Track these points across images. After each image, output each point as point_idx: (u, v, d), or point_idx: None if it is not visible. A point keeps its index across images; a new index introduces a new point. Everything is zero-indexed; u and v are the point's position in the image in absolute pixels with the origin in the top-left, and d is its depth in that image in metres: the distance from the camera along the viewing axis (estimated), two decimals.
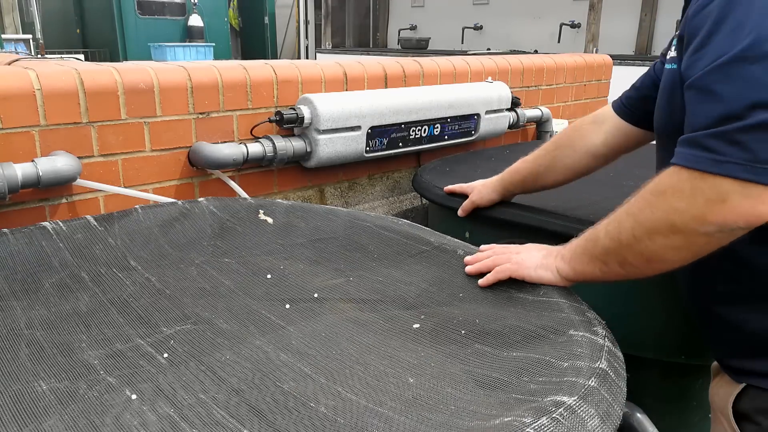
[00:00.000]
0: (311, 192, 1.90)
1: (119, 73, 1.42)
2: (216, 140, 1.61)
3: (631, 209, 0.85)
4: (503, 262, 1.03)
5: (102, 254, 1.14)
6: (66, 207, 1.41)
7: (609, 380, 0.74)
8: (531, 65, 2.54)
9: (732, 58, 0.71)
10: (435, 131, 2.04)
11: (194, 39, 8.53)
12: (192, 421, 0.69)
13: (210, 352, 0.85)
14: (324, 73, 1.82)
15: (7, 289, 1.00)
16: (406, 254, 1.17)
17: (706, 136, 0.75)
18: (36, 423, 0.68)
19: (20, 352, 0.83)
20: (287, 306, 0.99)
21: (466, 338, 0.87)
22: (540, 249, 1.05)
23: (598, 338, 0.83)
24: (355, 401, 0.73)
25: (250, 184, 1.72)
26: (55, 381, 0.77)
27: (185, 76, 1.53)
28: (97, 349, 0.85)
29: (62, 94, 1.34)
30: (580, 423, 0.65)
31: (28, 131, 1.31)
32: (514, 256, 1.04)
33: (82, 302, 0.98)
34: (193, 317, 0.95)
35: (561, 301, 0.94)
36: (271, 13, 9.61)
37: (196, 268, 1.13)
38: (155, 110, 1.49)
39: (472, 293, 1.02)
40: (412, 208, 2.21)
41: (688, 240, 0.78)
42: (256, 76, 1.66)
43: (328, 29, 8.07)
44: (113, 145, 1.44)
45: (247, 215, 1.34)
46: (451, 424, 0.68)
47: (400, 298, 1.02)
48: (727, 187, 0.73)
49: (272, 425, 0.69)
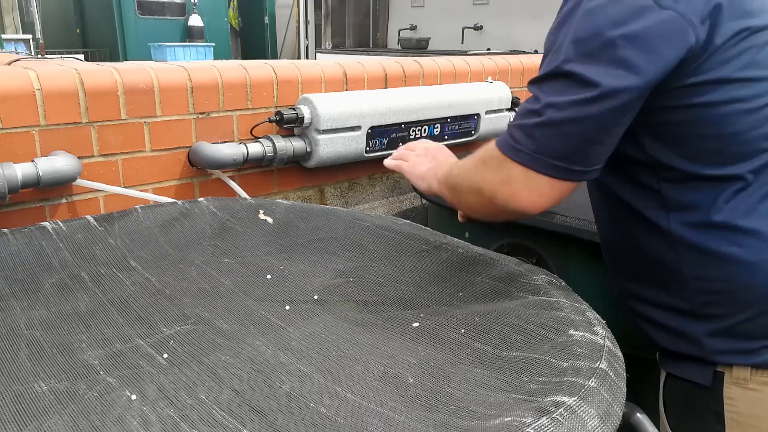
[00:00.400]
0: (311, 192, 1.90)
1: (119, 73, 1.42)
2: (216, 140, 1.61)
3: (467, 163, 1.02)
4: (407, 157, 1.25)
5: (102, 254, 1.14)
6: (66, 207, 1.41)
7: (609, 380, 0.74)
8: (531, 65, 2.53)
9: (544, 74, 0.88)
10: (435, 131, 2.04)
11: (194, 39, 8.52)
12: (192, 422, 0.69)
13: (210, 352, 0.85)
14: (324, 73, 1.82)
15: (7, 289, 1.00)
16: (406, 254, 1.17)
17: (514, 126, 0.89)
18: (36, 423, 0.68)
19: (20, 352, 0.83)
20: (287, 307, 0.99)
21: (466, 338, 0.87)
22: (435, 158, 1.20)
23: (598, 338, 0.82)
24: (355, 401, 0.73)
25: (250, 184, 1.72)
26: (55, 381, 0.77)
27: (185, 76, 1.53)
28: (97, 350, 0.85)
29: (62, 94, 1.34)
30: (580, 423, 0.65)
31: (28, 131, 1.31)
32: (415, 157, 1.24)
33: (82, 302, 0.98)
34: (193, 317, 0.95)
35: (561, 301, 0.94)
36: (271, 13, 9.61)
37: (196, 268, 1.13)
38: (155, 110, 1.49)
39: (472, 293, 1.02)
40: (412, 208, 2.21)
41: (488, 204, 0.95)
42: (256, 76, 1.66)
43: (328, 29, 8.07)
44: (113, 145, 1.44)
45: (247, 215, 1.34)
46: (451, 424, 0.68)
47: (399, 298, 1.02)
48: (515, 172, 0.88)
49: (272, 425, 0.69)
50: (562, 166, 0.85)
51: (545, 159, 0.85)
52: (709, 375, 0.92)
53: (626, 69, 0.80)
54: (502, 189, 0.91)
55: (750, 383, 0.90)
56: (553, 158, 0.85)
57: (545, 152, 0.85)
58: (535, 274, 1.03)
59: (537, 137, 0.86)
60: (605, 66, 0.81)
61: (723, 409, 0.92)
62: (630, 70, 0.80)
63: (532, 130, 0.86)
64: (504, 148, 0.90)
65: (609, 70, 0.81)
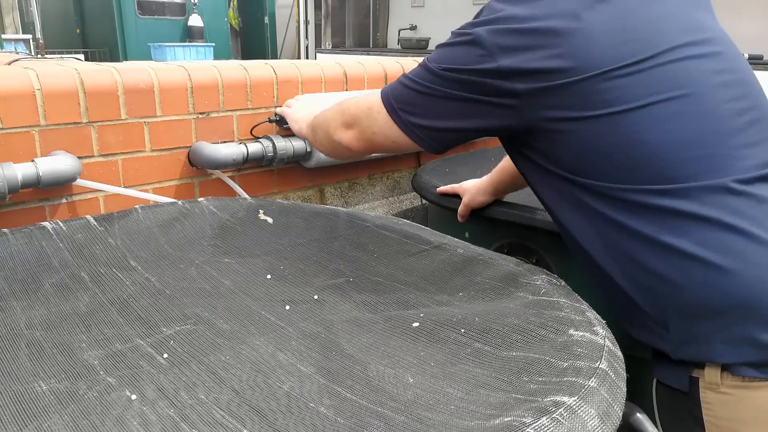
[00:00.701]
0: (311, 192, 1.90)
1: (119, 73, 1.42)
2: (216, 140, 1.61)
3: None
4: (290, 105, 1.58)
5: (102, 254, 1.14)
6: (66, 207, 1.41)
7: (609, 380, 0.74)
8: None
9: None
10: None
11: (194, 39, 8.53)
12: (192, 422, 0.69)
13: (210, 352, 0.85)
14: (324, 73, 1.82)
15: (7, 289, 1.00)
16: (406, 254, 1.17)
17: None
18: (36, 423, 0.68)
19: (20, 352, 0.83)
20: (287, 307, 0.99)
21: (466, 337, 0.87)
22: (316, 104, 1.42)
23: (598, 338, 0.82)
24: (355, 401, 0.73)
25: (250, 184, 1.72)
26: (55, 381, 0.77)
27: (185, 76, 1.53)
28: (97, 350, 0.85)
29: (62, 94, 1.34)
30: (580, 423, 0.65)
31: (28, 131, 1.31)
32: (294, 102, 1.58)
33: (82, 302, 0.98)
34: (193, 317, 0.95)
35: (561, 301, 0.94)
36: (271, 13, 9.60)
37: (196, 268, 1.13)
38: (155, 110, 1.49)
39: (472, 293, 1.02)
40: (412, 208, 2.21)
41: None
42: (256, 76, 1.66)
43: (328, 29, 8.07)
44: (113, 145, 1.44)
45: (247, 215, 1.34)
46: (451, 424, 0.68)
47: (399, 298, 1.02)
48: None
49: (272, 425, 0.69)
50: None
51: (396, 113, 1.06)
52: (686, 380, 0.94)
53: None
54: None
55: (722, 387, 0.91)
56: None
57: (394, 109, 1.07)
58: (535, 274, 1.03)
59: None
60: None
61: (701, 414, 0.93)
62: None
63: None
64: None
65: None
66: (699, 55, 0.91)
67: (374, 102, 1.07)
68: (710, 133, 0.89)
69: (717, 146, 0.89)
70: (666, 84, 0.89)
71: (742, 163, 0.89)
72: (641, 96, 0.88)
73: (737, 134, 0.90)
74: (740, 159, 0.89)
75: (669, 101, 0.88)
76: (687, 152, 0.88)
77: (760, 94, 0.96)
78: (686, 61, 0.90)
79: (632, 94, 0.88)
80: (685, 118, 0.89)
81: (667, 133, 0.88)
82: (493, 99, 0.94)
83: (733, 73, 0.94)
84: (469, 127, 1.00)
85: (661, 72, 0.89)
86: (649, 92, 0.88)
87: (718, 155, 0.89)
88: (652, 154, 0.89)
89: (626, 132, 0.89)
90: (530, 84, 0.90)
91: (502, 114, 0.95)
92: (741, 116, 0.91)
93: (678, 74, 0.89)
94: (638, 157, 0.89)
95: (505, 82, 0.92)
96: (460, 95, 0.96)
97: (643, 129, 0.88)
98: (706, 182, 0.88)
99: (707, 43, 0.93)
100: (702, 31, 0.94)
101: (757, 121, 0.93)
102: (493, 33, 0.92)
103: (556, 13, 0.90)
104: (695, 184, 0.88)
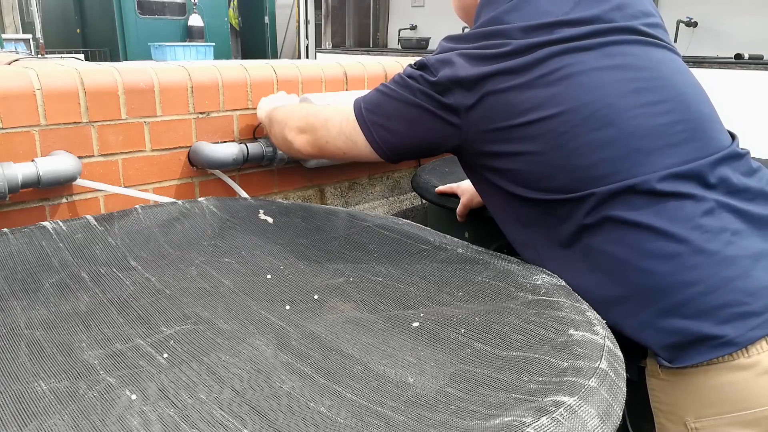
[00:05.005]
0: (311, 192, 1.90)
1: (119, 73, 1.42)
2: (216, 140, 1.61)
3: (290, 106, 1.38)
4: (267, 96, 1.63)
5: (102, 254, 1.14)
6: (66, 207, 1.41)
7: (609, 380, 0.74)
8: None
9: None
10: None
11: (194, 39, 8.53)
12: (192, 421, 0.69)
13: (210, 352, 0.85)
14: (324, 73, 1.82)
15: (7, 289, 1.00)
16: (406, 254, 1.17)
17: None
18: (36, 423, 0.68)
19: (20, 352, 0.83)
20: (287, 307, 0.99)
21: (466, 337, 0.87)
22: (287, 97, 1.59)
23: (598, 338, 0.83)
24: (355, 401, 0.73)
25: (250, 184, 1.73)
26: (55, 381, 0.77)
27: (185, 76, 1.53)
28: (97, 349, 0.85)
29: (62, 94, 1.34)
30: (580, 423, 0.65)
31: (28, 131, 1.31)
32: (272, 96, 1.62)
33: (82, 302, 0.98)
34: (193, 317, 0.95)
35: (561, 301, 0.94)
36: (271, 13, 9.60)
37: (196, 268, 1.13)
38: (155, 110, 1.49)
39: (472, 292, 1.02)
40: (412, 208, 2.21)
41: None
42: (256, 76, 1.66)
43: (328, 29, 8.07)
44: (113, 145, 1.44)
45: (247, 215, 1.34)
46: (451, 423, 0.68)
47: (399, 298, 1.02)
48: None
49: (273, 425, 0.69)
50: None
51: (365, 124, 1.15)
52: (635, 369, 0.99)
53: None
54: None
55: (661, 374, 0.96)
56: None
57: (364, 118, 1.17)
58: (535, 274, 1.03)
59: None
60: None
61: (649, 401, 0.99)
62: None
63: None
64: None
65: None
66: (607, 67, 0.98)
67: (332, 116, 1.19)
68: (619, 138, 0.95)
69: (626, 148, 0.95)
70: (567, 96, 0.96)
71: (655, 163, 0.94)
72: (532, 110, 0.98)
73: (653, 136, 0.95)
74: (654, 159, 0.94)
75: (561, 115, 0.96)
76: (595, 155, 0.95)
77: (684, 95, 1.00)
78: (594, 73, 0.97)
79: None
80: (591, 124, 0.96)
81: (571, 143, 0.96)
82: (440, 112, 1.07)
83: (648, 80, 0.99)
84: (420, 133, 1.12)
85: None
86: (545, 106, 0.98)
87: (627, 157, 0.95)
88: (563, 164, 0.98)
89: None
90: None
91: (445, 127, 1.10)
92: (657, 118, 0.96)
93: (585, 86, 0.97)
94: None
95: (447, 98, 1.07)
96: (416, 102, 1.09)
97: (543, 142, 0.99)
98: (614, 185, 0.94)
99: (618, 55, 1.00)
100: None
101: (678, 122, 0.97)
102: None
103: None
104: (605, 188, 0.95)
